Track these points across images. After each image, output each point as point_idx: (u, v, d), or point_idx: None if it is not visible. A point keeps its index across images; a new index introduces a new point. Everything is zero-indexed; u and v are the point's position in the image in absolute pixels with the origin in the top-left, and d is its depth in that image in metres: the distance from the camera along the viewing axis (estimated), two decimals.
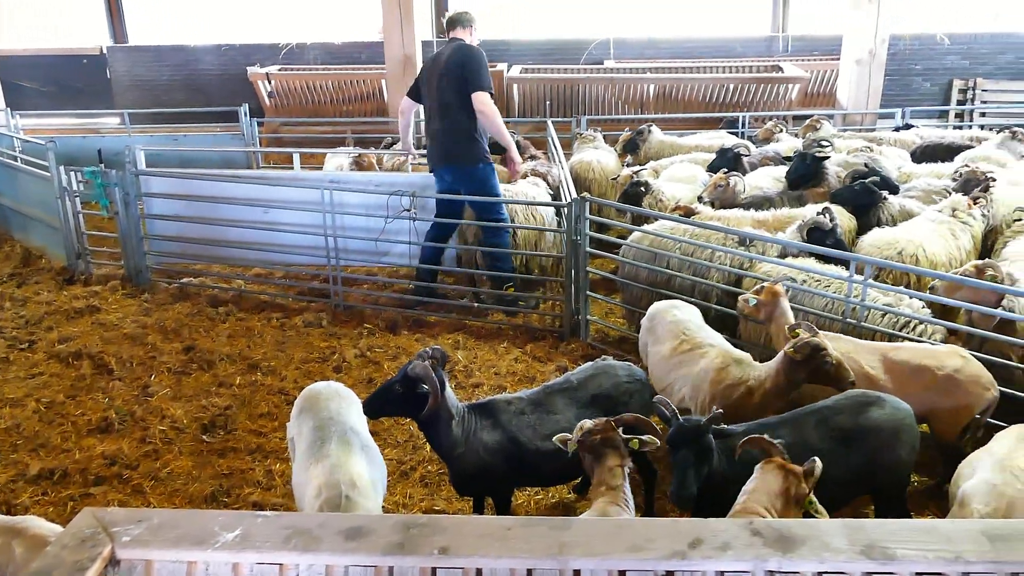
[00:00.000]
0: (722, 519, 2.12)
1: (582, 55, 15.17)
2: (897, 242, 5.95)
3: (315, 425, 3.72)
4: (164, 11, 16.72)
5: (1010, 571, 2.00)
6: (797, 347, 4.11)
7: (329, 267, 7.45)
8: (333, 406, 3.86)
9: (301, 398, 4.04)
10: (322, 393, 3.98)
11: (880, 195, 6.79)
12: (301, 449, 3.70)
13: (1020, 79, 15.05)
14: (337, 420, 3.75)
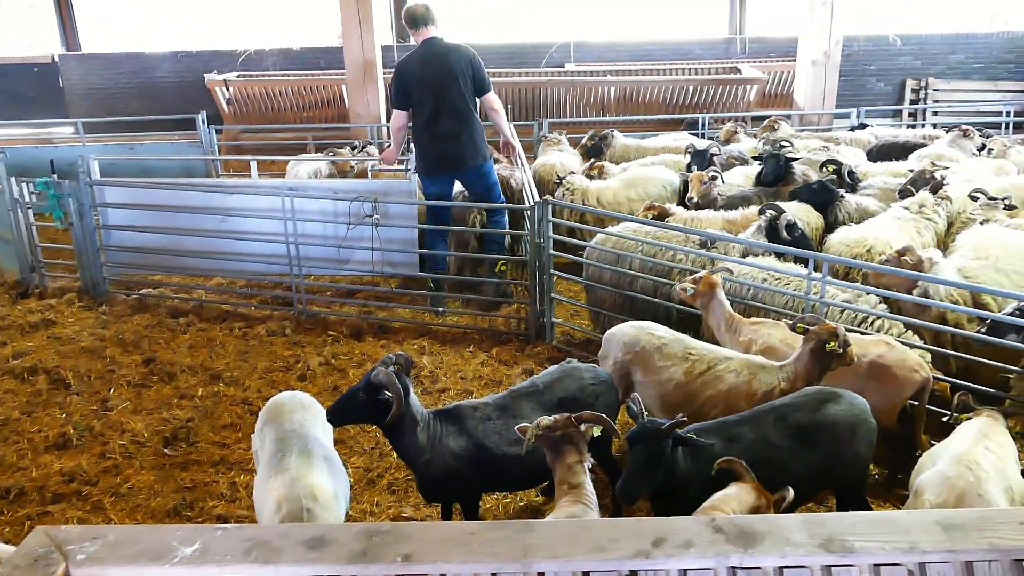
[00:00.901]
0: (684, 517, 2.13)
1: (543, 59, 15.23)
2: (865, 240, 6.07)
3: (277, 437, 3.67)
4: (118, 18, 16.42)
5: (965, 559, 2.04)
6: (818, 334, 4.18)
7: (291, 275, 7.38)
8: (297, 417, 3.80)
9: (265, 410, 3.99)
10: (286, 404, 3.93)
11: (838, 193, 6.96)
12: (263, 461, 3.64)
13: (970, 78, 15.44)
14: (299, 432, 3.70)
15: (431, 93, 6.89)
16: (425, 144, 7.11)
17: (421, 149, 7.22)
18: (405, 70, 6.99)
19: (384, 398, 3.67)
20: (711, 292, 5.05)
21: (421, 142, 7.16)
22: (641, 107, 13.69)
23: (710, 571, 2.00)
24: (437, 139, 7.00)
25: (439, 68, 6.87)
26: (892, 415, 4.57)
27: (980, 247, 5.83)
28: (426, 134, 7.02)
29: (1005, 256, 5.65)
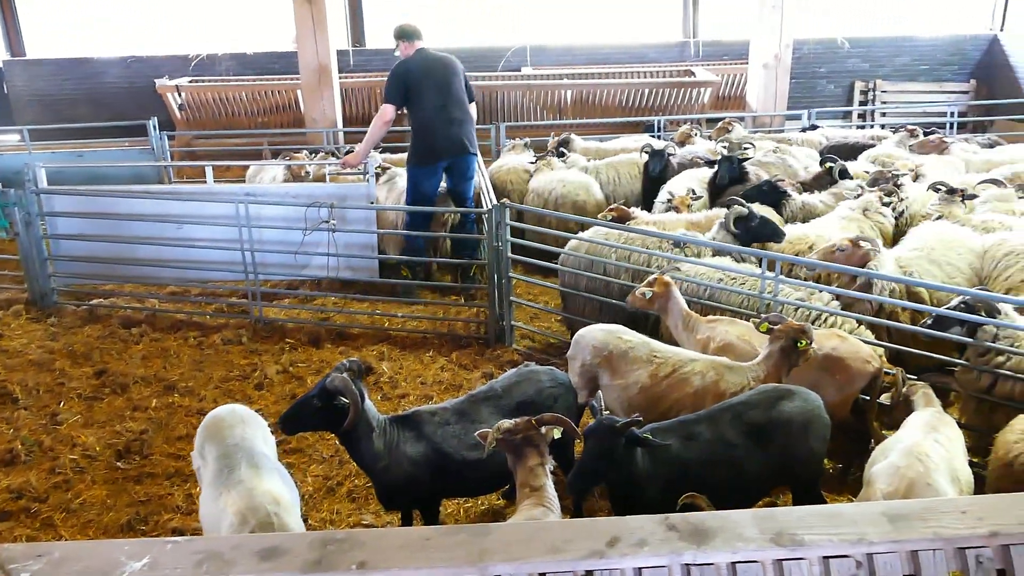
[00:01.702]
0: (638, 516, 2.15)
1: (499, 62, 15.24)
2: (807, 237, 6.20)
3: (220, 453, 3.59)
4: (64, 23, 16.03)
5: (910, 549, 2.10)
6: (787, 332, 4.25)
7: (247, 282, 7.28)
8: (238, 432, 3.71)
9: (203, 427, 3.86)
10: (225, 419, 3.82)
11: (785, 192, 7.12)
12: (208, 479, 3.56)
13: (916, 80, 15.84)
14: (243, 446, 3.62)
15: (438, 86, 7.41)
16: (438, 127, 7.43)
17: (432, 134, 7.45)
18: (408, 69, 7.41)
19: (339, 404, 3.64)
20: (667, 293, 5.11)
21: (433, 126, 7.43)
22: (598, 110, 13.78)
23: (664, 568, 2.02)
24: (449, 123, 7.44)
25: (444, 67, 7.50)
26: (846, 407, 4.67)
27: (921, 239, 6.04)
28: (439, 119, 7.42)
29: (940, 247, 5.87)
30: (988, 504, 2.20)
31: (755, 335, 4.79)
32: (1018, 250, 5.60)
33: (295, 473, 5.05)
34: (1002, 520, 2.13)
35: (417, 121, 7.49)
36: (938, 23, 16.16)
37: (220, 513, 3.29)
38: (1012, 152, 9.05)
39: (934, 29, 16.00)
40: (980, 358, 4.61)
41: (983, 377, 4.63)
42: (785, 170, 8.56)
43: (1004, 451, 3.80)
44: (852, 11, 16.50)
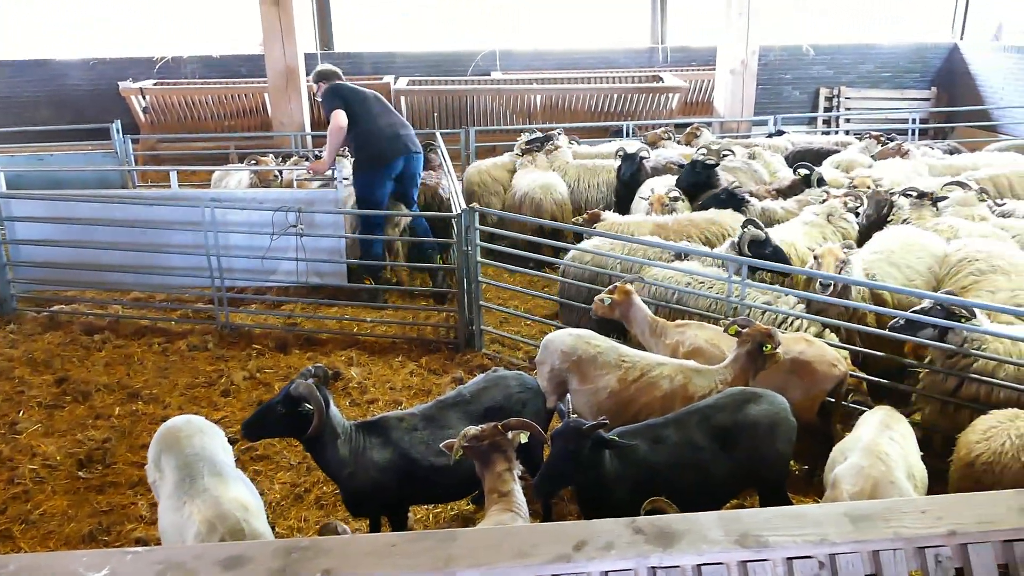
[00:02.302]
0: (605, 520, 2.16)
1: (469, 67, 15.25)
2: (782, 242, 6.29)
3: (180, 463, 3.52)
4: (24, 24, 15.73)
5: (871, 549, 2.13)
6: (753, 335, 4.29)
7: (213, 287, 7.18)
8: (196, 442, 3.64)
9: (159, 438, 3.77)
10: (182, 430, 3.74)
11: (745, 199, 7.22)
12: (167, 490, 3.48)
13: (879, 87, 16.14)
14: (204, 455, 3.56)
15: (375, 101, 7.70)
16: (382, 131, 7.59)
17: (377, 138, 7.55)
18: (344, 87, 7.72)
19: (304, 411, 3.61)
20: (627, 300, 5.14)
21: (377, 131, 7.57)
22: (567, 115, 13.83)
23: (631, 571, 2.03)
24: (392, 126, 7.67)
25: (370, 90, 7.80)
26: (813, 409, 4.74)
27: (883, 242, 6.16)
28: (381, 123, 7.62)
29: (900, 250, 5.99)
30: (946, 504, 2.24)
31: (724, 339, 4.84)
32: (971, 257, 5.74)
33: (262, 480, 5.00)
34: (960, 519, 2.17)
35: (362, 132, 7.54)
36: (900, 31, 16.49)
37: (184, 523, 3.24)
38: (972, 158, 9.25)
39: (896, 37, 16.33)
40: (948, 360, 4.70)
41: (948, 379, 4.72)
42: (752, 175, 8.67)
43: (966, 451, 3.88)
44: (817, 19, 16.76)
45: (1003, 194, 7.76)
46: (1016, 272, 5.45)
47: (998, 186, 7.91)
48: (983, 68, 15.35)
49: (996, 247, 5.76)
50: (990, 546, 2.16)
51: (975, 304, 4.72)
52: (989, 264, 5.56)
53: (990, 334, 4.60)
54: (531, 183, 8.53)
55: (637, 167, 8.49)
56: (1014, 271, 5.46)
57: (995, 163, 8.73)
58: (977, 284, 5.44)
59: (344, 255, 7.92)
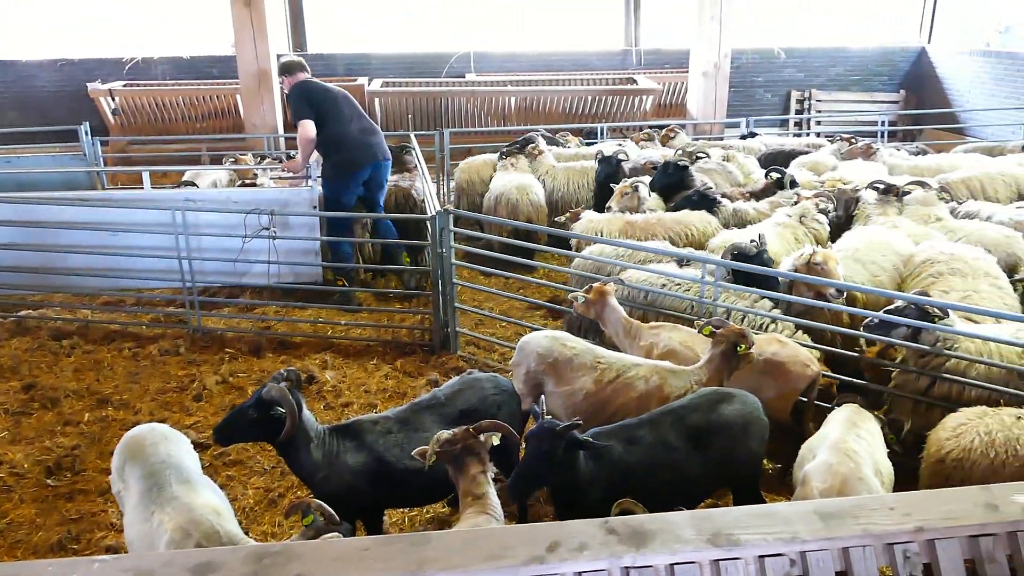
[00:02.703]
0: (578, 520, 2.16)
1: (443, 69, 15.24)
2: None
3: (146, 472, 3.46)
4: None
5: (841, 546, 2.15)
6: (727, 336, 4.32)
7: (184, 291, 7.10)
8: (162, 449, 3.59)
9: (122, 448, 3.69)
10: (146, 438, 3.67)
11: (716, 200, 7.31)
12: (133, 501, 3.42)
13: (848, 90, 16.37)
14: (170, 463, 3.51)
15: (345, 103, 7.57)
16: (355, 138, 7.55)
17: (349, 146, 7.52)
18: (314, 88, 7.50)
19: (276, 415, 3.58)
20: (603, 301, 5.18)
21: (349, 138, 7.52)
22: (541, 116, 13.86)
23: (604, 572, 2.04)
24: (363, 132, 7.61)
25: (337, 89, 7.67)
26: (786, 409, 4.79)
27: (849, 241, 6.31)
28: (353, 129, 7.56)
29: (864, 248, 6.10)
30: (914, 501, 2.27)
31: (697, 341, 4.88)
32: (933, 258, 5.86)
33: (235, 485, 4.95)
34: (927, 516, 2.20)
35: (332, 136, 7.47)
36: (869, 35, 16.71)
37: (154, 532, 3.19)
38: (937, 159, 9.41)
39: (866, 41, 16.56)
40: (921, 359, 4.77)
41: (921, 379, 4.78)
42: (726, 177, 8.75)
43: (937, 448, 3.94)
44: (788, 22, 16.95)
45: (975, 196, 7.89)
46: (974, 274, 5.57)
47: (970, 188, 8.04)
48: (950, 71, 15.63)
49: (960, 250, 5.88)
50: (956, 541, 2.19)
51: (948, 305, 4.79)
52: (949, 266, 5.69)
53: (962, 334, 4.66)
54: (507, 184, 8.54)
55: (615, 169, 8.55)
56: (972, 273, 5.58)
57: (961, 165, 8.89)
58: (935, 284, 5.57)
59: (319, 255, 7.89)
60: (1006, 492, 2.33)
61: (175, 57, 14.75)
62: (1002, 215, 6.83)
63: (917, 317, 4.67)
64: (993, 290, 5.46)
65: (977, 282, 5.49)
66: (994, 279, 5.62)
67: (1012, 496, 2.30)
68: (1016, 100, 13.74)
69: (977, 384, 4.58)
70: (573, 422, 3.54)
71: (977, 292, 5.23)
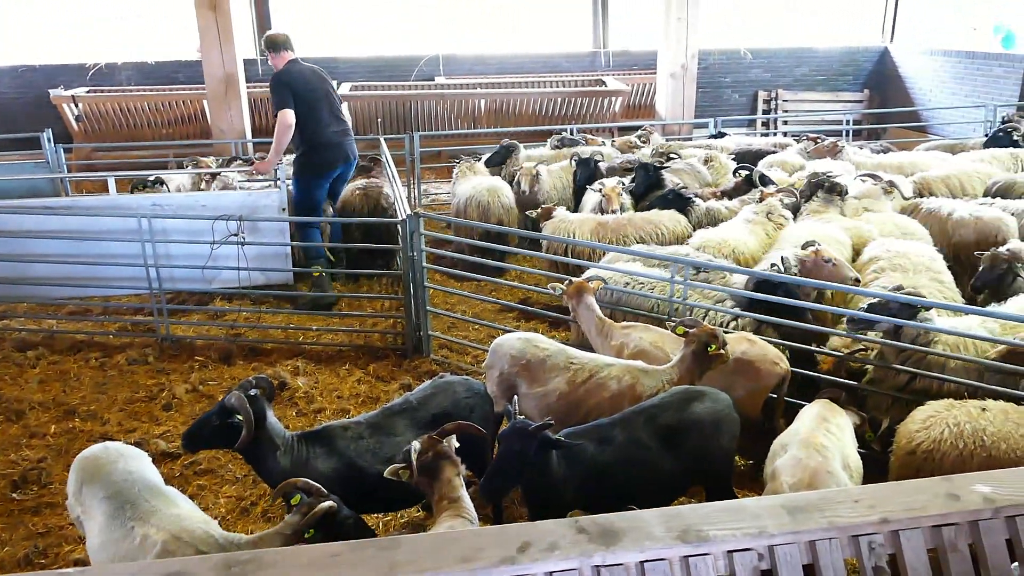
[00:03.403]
0: (549, 520, 2.17)
1: (412, 72, 15.21)
2: (720, 241, 6.45)
3: (109, 493, 3.34)
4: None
5: (808, 539, 2.18)
6: (698, 336, 4.35)
7: (152, 299, 7.01)
8: (122, 467, 3.47)
9: (77, 469, 3.54)
10: (102, 457, 3.54)
11: (691, 199, 7.39)
12: (99, 523, 3.29)
13: (814, 90, 16.60)
14: (136, 479, 3.42)
15: (322, 99, 7.63)
16: (330, 140, 7.69)
17: (325, 147, 7.68)
18: (294, 77, 7.50)
19: (237, 423, 3.57)
20: (579, 297, 5.22)
21: (325, 139, 7.65)
22: (511, 119, 13.89)
23: (575, 571, 2.05)
24: (337, 134, 7.76)
25: (321, 79, 7.74)
26: (757, 407, 4.84)
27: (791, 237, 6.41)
28: (329, 130, 7.67)
29: (793, 241, 6.22)
30: (878, 493, 2.31)
31: (668, 341, 4.93)
32: (878, 256, 6.02)
33: (207, 495, 4.90)
34: (891, 507, 2.24)
35: (309, 135, 7.57)
36: (834, 36, 16.95)
37: (137, 548, 3.10)
38: (899, 157, 9.58)
39: (830, 41, 16.79)
40: (901, 355, 4.83)
41: (900, 375, 4.85)
42: (696, 177, 8.84)
43: (907, 441, 4.00)
44: (754, 23, 17.16)
45: (954, 193, 8.04)
46: (915, 269, 5.72)
47: (949, 186, 8.20)
48: (912, 71, 15.91)
49: (904, 246, 6.05)
50: (920, 532, 2.23)
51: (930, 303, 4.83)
52: (891, 262, 5.84)
53: (942, 331, 4.73)
54: (476, 187, 8.55)
55: (593, 171, 8.66)
56: (913, 268, 5.73)
57: (924, 162, 9.07)
58: (878, 279, 5.70)
59: (289, 257, 7.90)
60: (967, 482, 2.37)
61: (140, 62, 14.56)
62: (963, 211, 6.96)
63: (898, 314, 4.72)
64: (934, 284, 5.60)
65: (918, 276, 5.63)
66: (935, 273, 5.77)
67: (973, 486, 2.35)
68: (976, 98, 14.02)
69: (955, 380, 4.59)
70: (545, 422, 3.55)
71: (917, 287, 5.34)
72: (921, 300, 4.78)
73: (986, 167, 8.56)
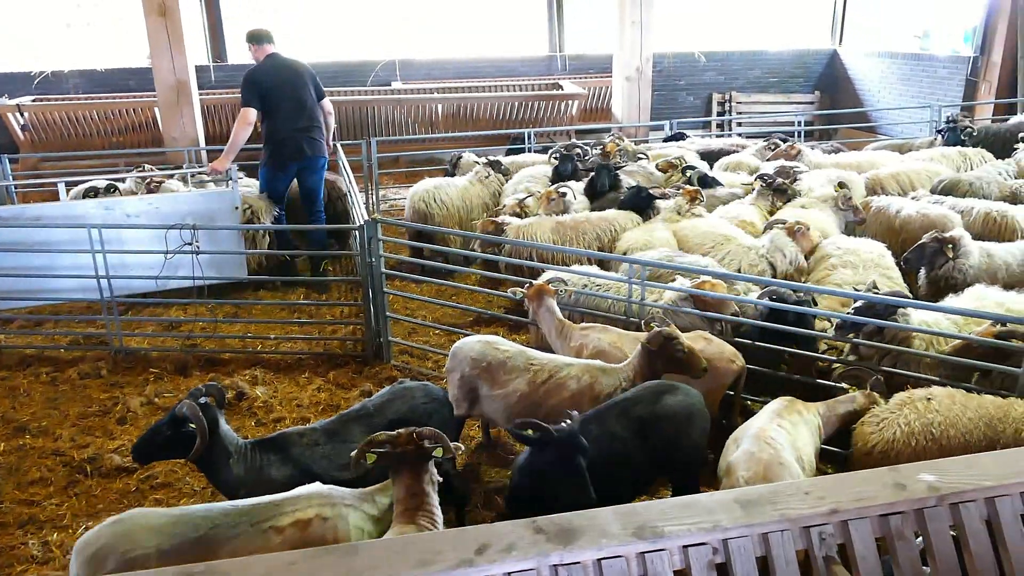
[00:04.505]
0: (507, 522, 2.19)
1: (368, 77, 15.14)
2: (650, 243, 6.63)
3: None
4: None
5: (761, 532, 2.23)
6: (651, 338, 4.38)
7: (104, 310, 6.87)
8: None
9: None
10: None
11: (655, 199, 7.49)
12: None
13: (767, 92, 16.90)
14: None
15: (288, 95, 7.90)
16: (287, 135, 7.96)
17: (282, 141, 7.96)
18: (260, 76, 7.85)
19: (190, 431, 3.53)
20: (539, 300, 5.25)
21: (282, 135, 7.95)
22: (469, 123, 13.91)
23: (533, 571, 2.06)
24: (298, 130, 7.98)
25: (292, 74, 7.99)
26: (715, 403, 4.90)
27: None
28: (287, 126, 7.95)
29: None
30: (827, 484, 2.37)
31: (627, 341, 4.98)
32: (830, 253, 6.20)
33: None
34: (840, 498, 2.30)
35: (270, 130, 7.98)
36: (785, 39, 17.28)
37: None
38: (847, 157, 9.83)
39: (781, 44, 17.11)
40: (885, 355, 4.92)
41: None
42: (647, 178, 8.94)
43: (863, 442, 4.13)
44: (707, 27, 17.41)
45: (904, 190, 8.26)
46: (864, 265, 5.89)
47: (900, 183, 8.42)
48: (860, 73, 16.29)
49: (855, 244, 6.23)
50: (868, 521, 2.29)
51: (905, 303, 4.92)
52: (841, 259, 6.02)
53: (922, 331, 4.84)
54: (416, 190, 8.66)
55: (574, 166, 8.84)
56: (862, 264, 5.90)
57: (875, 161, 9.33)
58: (829, 276, 5.88)
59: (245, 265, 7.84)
60: (913, 471, 2.45)
61: (88, 70, 14.26)
62: (910, 209, 7.16)
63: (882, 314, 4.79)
64: (883, 279, 5.74)
65: (868, 272, 5.79)
66: (884, 269, 5.93)
67: (918, 475, 2.42)
68: (922, 99, 14.41)
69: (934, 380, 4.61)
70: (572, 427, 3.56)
71: (865, 283, 5.50)
72: (904, 301, 4.87)
73: (936, 166, 8.80)
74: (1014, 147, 9.39)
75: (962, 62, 13.75)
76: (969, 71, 13.58)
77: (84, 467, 5.23)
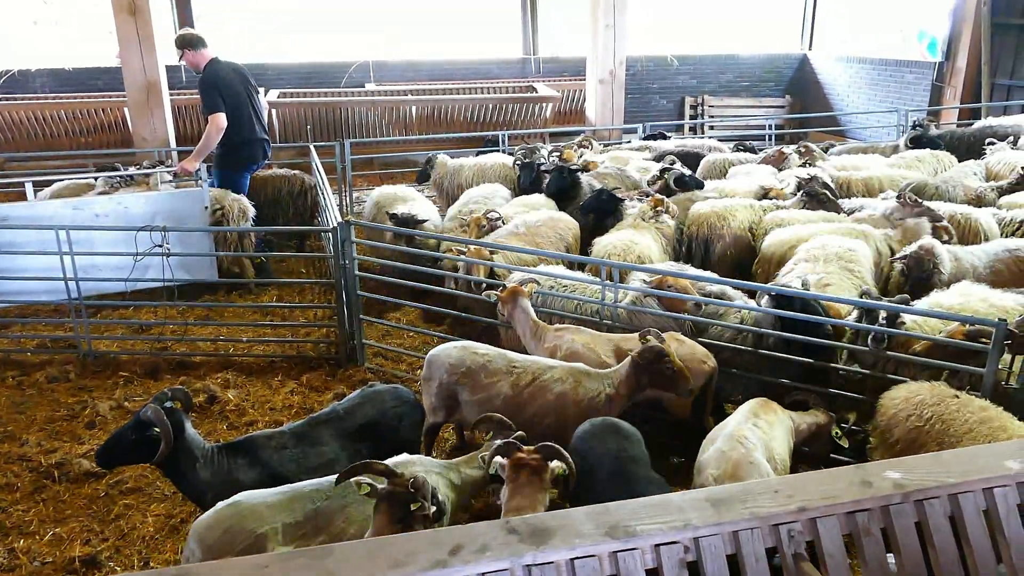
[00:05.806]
0: (481, 523, 2.20)
1: (342, 78, 15.07)
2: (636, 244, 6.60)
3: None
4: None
5: (731, 530, 2.26)
6: (643, 352, 4.35)
7: (73, 312, 6.77)
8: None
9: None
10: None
11: (621, 202, 7.50)
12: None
13: (738, 95, 17.09)
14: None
15: (245, 100, 8.18)
16: (250, 139, 8.29)
17: (243, 145, 8.25)
18: (223, 78, 8.03)
19: (154, 436, 3.49)
20: (513, 301, 5.26)
21: (245, 139, 8.24)
22: (443, 125, 13.89)
23: (506, 571, 2.07)
24: (259, 138, 8.38)
25: (243, 78, 8.25)
26: (686, 405, 4.94)
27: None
28: (250, 132, 8.27)
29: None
30: (796, 482, 2.41)
31: (600, 343, 5.00)
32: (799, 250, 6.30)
33: (134, 514, 4.76)
34: (808, 496, 2.34)
35: (232, 132, 8.10)
36: (756, 43, 17.48)
37: None
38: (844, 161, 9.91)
39: (753, 49, 17.31)
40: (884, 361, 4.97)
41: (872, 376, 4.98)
42: (623, 181, 8.98)
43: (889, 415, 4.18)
44: (680, 31, 17.56)
45: (871, 193, 8.37)
46: (825, 260, 5.98)
47: (868, 186, 8.54)
48: (829, 77, 16.54)
49: (821, 240, 6.29)
50: (835, 518, 2.34)
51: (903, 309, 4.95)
52: (808, 253, 6.13)
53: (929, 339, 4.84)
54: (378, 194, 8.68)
55: (537, 173, 8.67)
56: (824, 259, 5.99)
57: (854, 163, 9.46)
58: (793, 271, 5.98)
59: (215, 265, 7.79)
60: (878, 469, 2.50)
61: (56, 69, 14.05)
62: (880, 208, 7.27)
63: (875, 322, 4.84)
64: (844, 273, 5.84)
65: (828, 265, 5.89)
66: (847, 263, 5.97)
67: (884, 472, 2.47)
68: (889, 103, 14.66)
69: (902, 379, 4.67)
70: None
71: (828, 274, 5.66)
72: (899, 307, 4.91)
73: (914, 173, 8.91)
74: (982, 150, 9.57)
75: (928, 67, 14.01)
76: (935, 76, 13.85)
77: (52, 472, 5.15)
